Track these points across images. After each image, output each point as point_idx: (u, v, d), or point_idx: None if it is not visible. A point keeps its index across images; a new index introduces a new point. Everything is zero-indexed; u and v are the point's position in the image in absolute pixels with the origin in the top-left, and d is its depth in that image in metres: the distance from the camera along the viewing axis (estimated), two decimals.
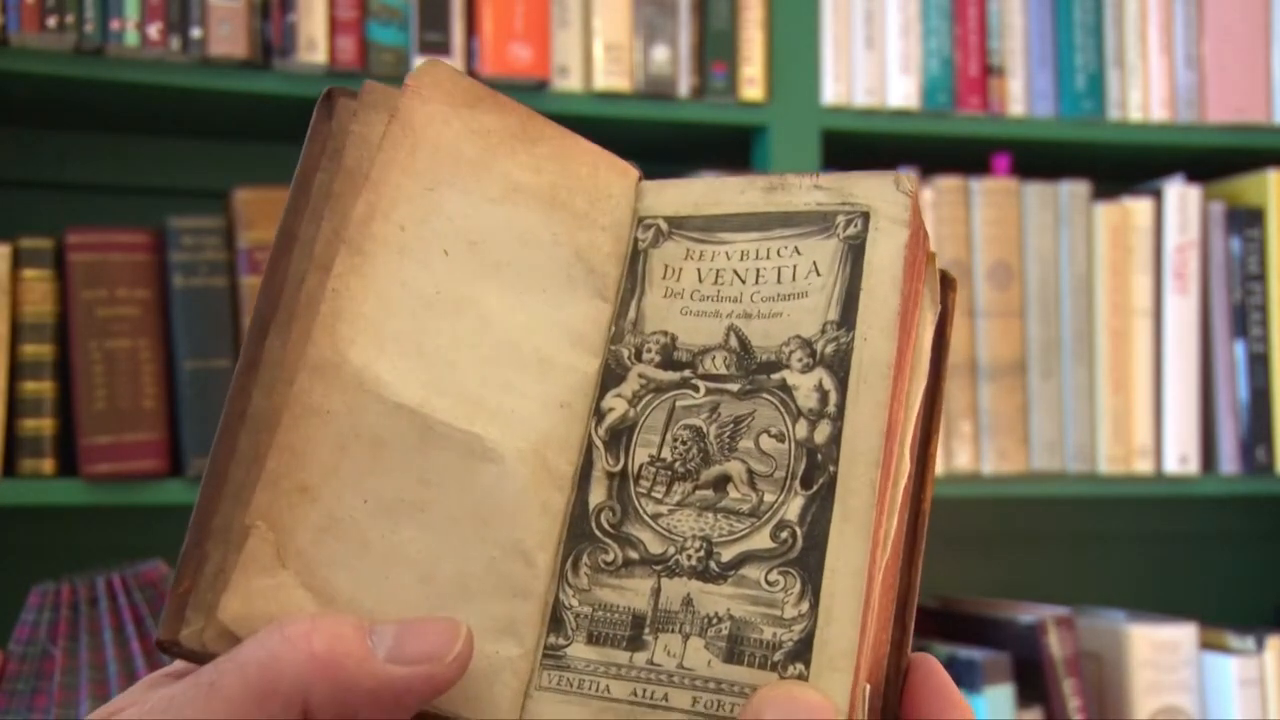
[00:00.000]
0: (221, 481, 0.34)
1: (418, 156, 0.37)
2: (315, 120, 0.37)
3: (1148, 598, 1.74)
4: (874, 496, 0.33)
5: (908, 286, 0.35)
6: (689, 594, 0.34)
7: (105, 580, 1.28)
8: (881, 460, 0.33)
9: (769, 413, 0.35)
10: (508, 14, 1.38)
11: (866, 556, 0.32)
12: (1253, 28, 1.63)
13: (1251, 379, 1.58)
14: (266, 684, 0.31)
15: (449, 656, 0.33)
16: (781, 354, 0.35)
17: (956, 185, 1.53)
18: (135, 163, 1.52)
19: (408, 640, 0.32)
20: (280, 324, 0.36)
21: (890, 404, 0.34)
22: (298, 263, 0.36)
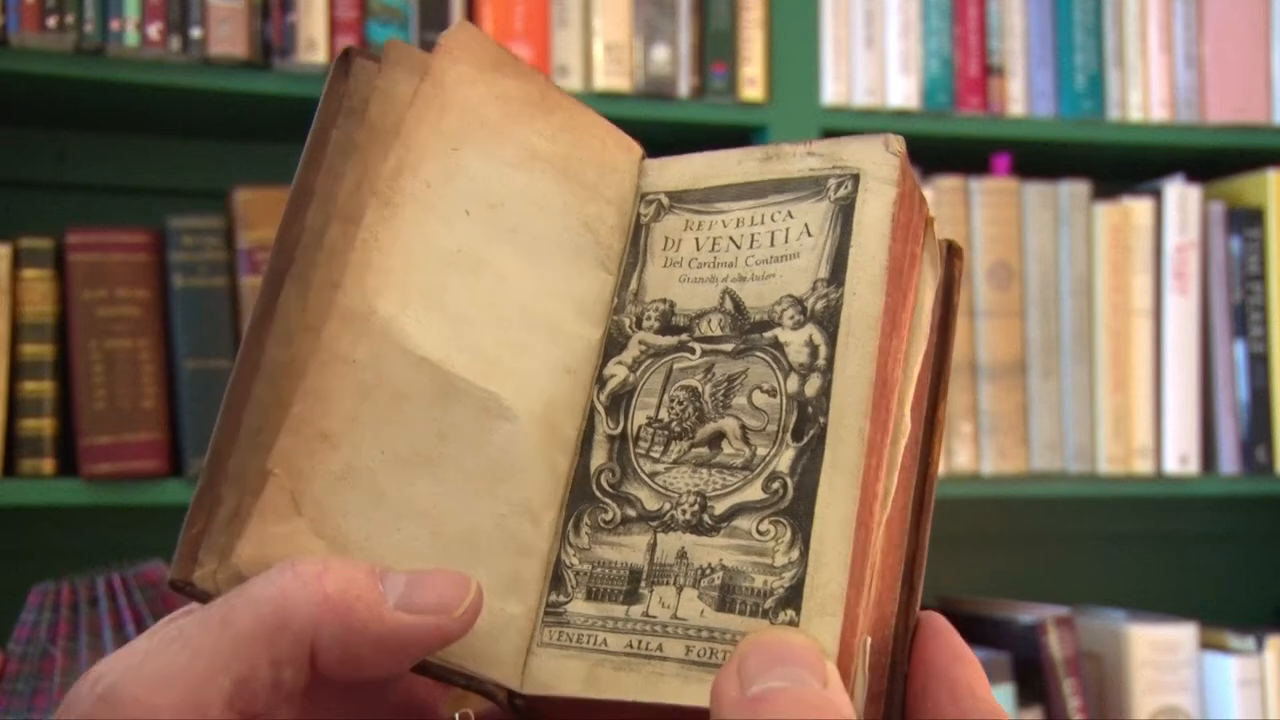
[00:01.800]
0: (236, 427, 0.35)
1: (446, 116, 0.38)
2: (332, 78, 0.38)
3: (1148, 598, 1.74)
4: (863, 445, 0.33)
5: (899, 245, 0.35)
6: (683, 547, 0.35)
7: (105, 580, 1.28)
8: (871, 411, 0.33)
9: (761, 369, 0.36)
10: (508, 14, 1.38)
11: (855, 504, 0.33)
12: (1253, 28, 1.63)
13: (1251, 379, 1.58)
14: (278, 621, 0.31)
15: (458, 610, 0.33)
16: (774, 313, 0.36)
17: (956, 185, 1.53)
18: (135, 163, 1.52)
19: (418, 590, 0.33)
20: (297, 276, 0.36)
21: (880, 357, 0.34)
22: (315, 215, 0.36)
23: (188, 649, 0.31)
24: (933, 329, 0.36)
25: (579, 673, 0.35)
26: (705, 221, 0.39)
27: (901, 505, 0.35)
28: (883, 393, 0.34)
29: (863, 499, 0.33)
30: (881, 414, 0.34)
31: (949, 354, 0.37)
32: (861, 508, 0.33)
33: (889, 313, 0.35)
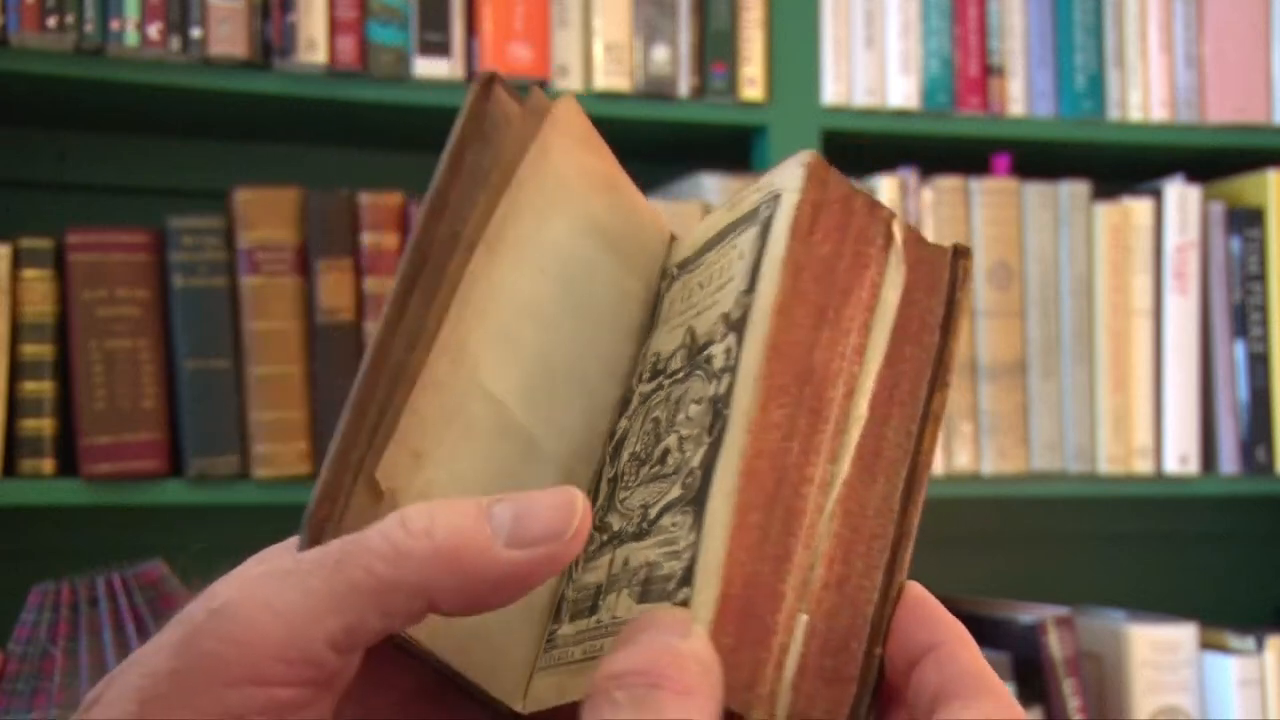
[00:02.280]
0: (362, 418, 0.37)
1: (546, 180, 0.41)
2: (474, 100, 0.40)
3: (1148, 598, 1.74)
4: (748, 423, 0.35)
5: (823, 245, 0.37)
6: (627, 555, 0.37)
7: (105, 580, 1.28)
8: (765, 395, 0.35)
9: (698, 384, 0.38)
10: (508, 14, 1.38)
11: (736, 477, 0.34)
12: (1253, 28, 1.63)
13: (1251, 379, 1.58)
14: (392, 578, 0.32)
15: (568, 533, 0.33)
16: (713, 333, 0.39)
17: (956, 185, 1.53)
18: (135, 163, 1.52)
19: (526, 521, 0.33)
20: (424, 286, 0.38)
21: (790, 347, 0.36)
22: (444, 229, 0.39)
23: (301, 586, 0.32)
24: (927, 326, 0.38)
25: (554, 685, 0.37)
26: (690, 278, 0.43)
27: (882, 494, 0.36)
28: (800, 380, 0.36)
29: (775, 480, 0.35)
30: (790, 399, 0.35)
31: (950, 349, 0.38)
32: (770, 488, 0.34)
33: (808, 305, 0.36)
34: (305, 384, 1.32)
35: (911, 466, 0.37)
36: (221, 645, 0.31)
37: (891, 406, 0.37)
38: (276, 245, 1.32)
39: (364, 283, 1.34)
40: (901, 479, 0.37)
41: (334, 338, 1.33)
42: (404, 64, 1.36)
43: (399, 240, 1.35)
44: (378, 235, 1.34)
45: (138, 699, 0.31)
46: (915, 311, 0.38)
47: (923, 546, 0.38)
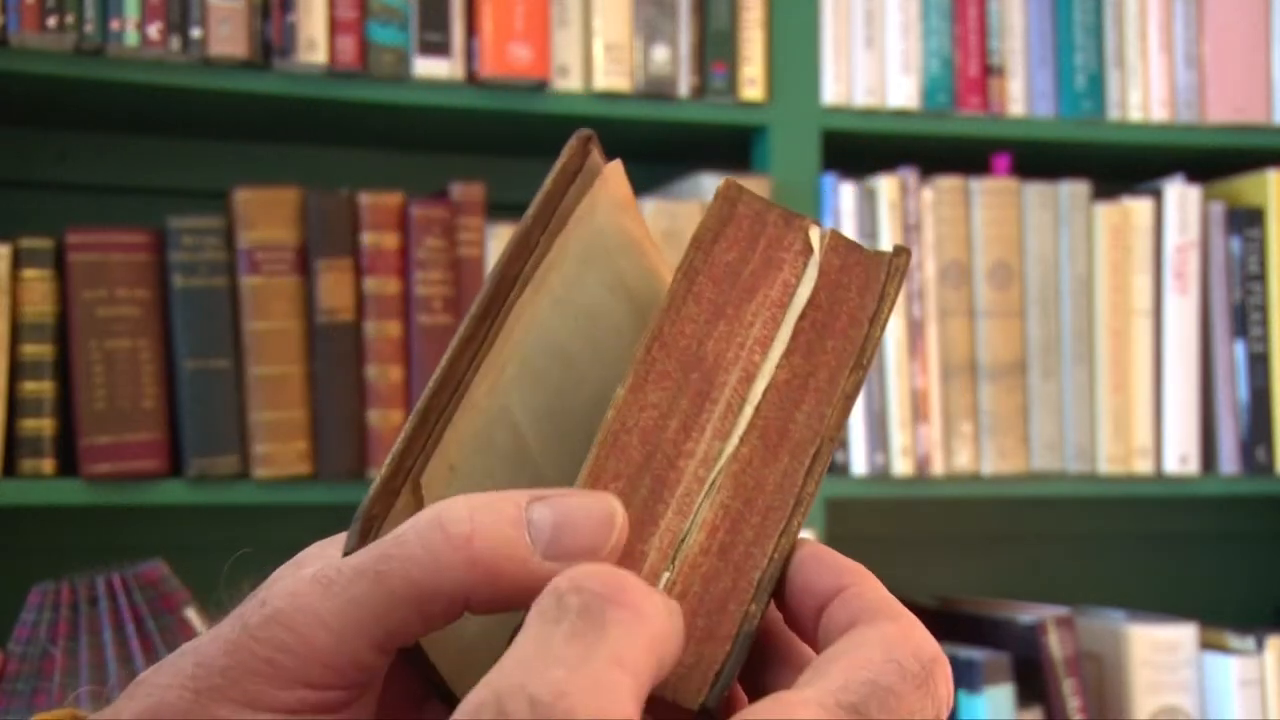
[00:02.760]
0: (425, 427, 0.38)
1: (589, 234, 0.44)
2: (570, 154, 0.43)
3: (1148, 598, 1.74)
4: (616, 400, 0.39)
5: (703, 250, 0.42)
6: None
7: (105, 580, 1.28)
8: (638, 371, 0.39)
9: None
10: (508, 14, 1.38)
11: (596, 448, 0.38)
12: (1253, 28, 1.63)
13: (1251, 379, 1.58)
14: (431, 586, 0.32)
15: (607, 548, 0.34)
16: None
17: (956, 185, 1.53)
18: (135, 163, 1.52)
19: (566, 533, 0.33)
20: (494, 314, 0.41)
21: (666, 333, 0.40)
22: (527, 269, 0.42)
23: (344, 595, 0.32)
24: (855, 321, 0.41)
25: None
26: None
27: (785, 470, 0.39)
28: (686, 367, 0.40)
29: (644, 453, 0.38)
30: (672, 383, 0.39)
31: (874, 337, 0.41)
32: (638, 459, 0.38)
33: (704, 303, 0.40)
34: (305, 384, 1.32)
35: (819, 445, 0.39)
36: (274, 652, 0.32)
37: (805, 393, 0.40)
38: (276, 245, 1.32)
39: (364, 283, 1.34)
40: (809, 456, 0.39)
41: (334, 338, 1.33)
42: (404, 64, 1.36)
43: (399, 240, 1.35)
44: (378, 235, 1.34)
45: (193, 686, 0.32)
46: (844, 309, 0.41)
47: (923, 546, 0.38)
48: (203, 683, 0.32)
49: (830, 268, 0.42)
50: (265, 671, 0.32)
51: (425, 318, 1.35)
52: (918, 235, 1.51)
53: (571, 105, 1.42)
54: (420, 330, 1.34)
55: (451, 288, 1.36)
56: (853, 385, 0.40)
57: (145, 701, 0.32)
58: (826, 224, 1.48)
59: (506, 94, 1.40)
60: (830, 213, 1.49)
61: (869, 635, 0.33)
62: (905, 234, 1.51)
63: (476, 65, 1.38)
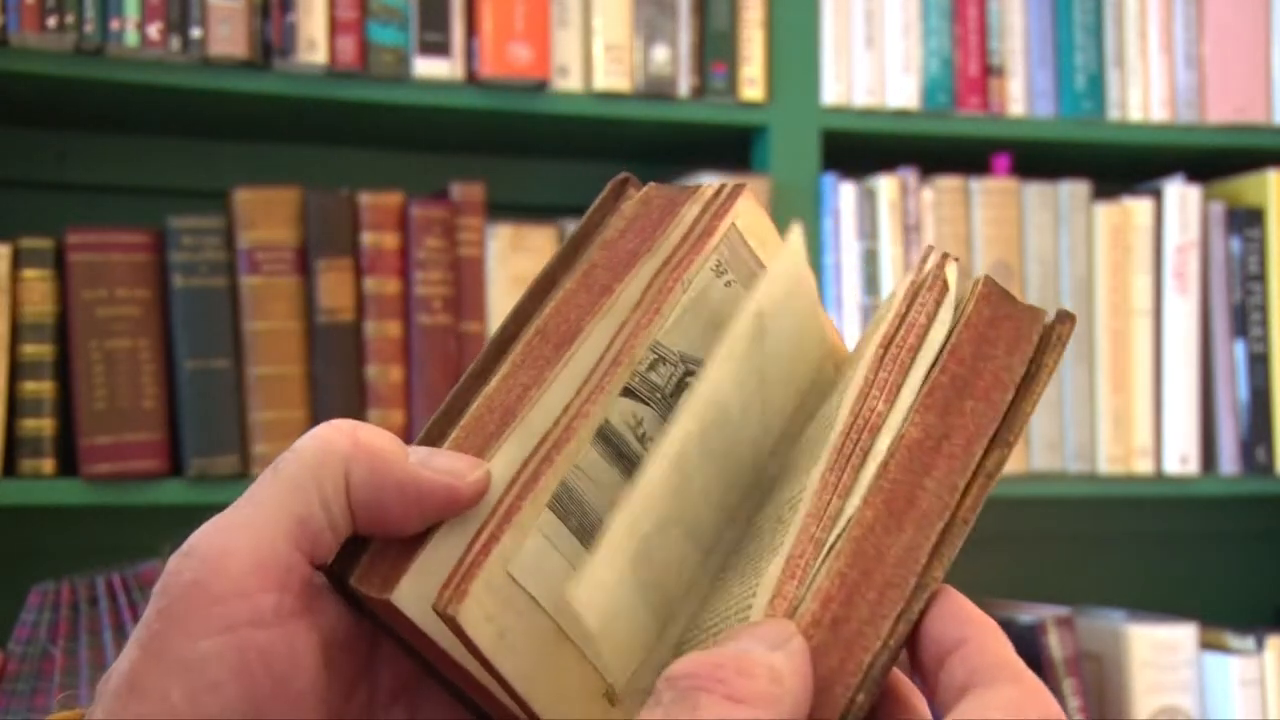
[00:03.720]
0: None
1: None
2: (606, 198, 0.42)
3: (1148, 598, 1.74)
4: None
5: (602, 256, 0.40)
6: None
7: (105, 580, 1.28)
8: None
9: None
10: (508, 14, 1.38)
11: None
12: (1253, 28, 1.63)
13: (1251, 379, 1.58)
14: (318, 462, 0.36)
15: (469, 476, 0.36)
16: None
17: (956, 185, 1.53)
18: (135, 163, 1.52)
19: (436, 457, 0.37)
20: (517, 349, 0.40)
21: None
22: (546, 307, 0.40)
23: (250, 501, 0.36)
24: (999, 384, 0.37)
25: None
26: None
27: (908, 544, 0.35)
28: (529, 351, 0.39)
29: (490, 424, 0.38)
30: (520, 368, 0.39)
31: (1022, 410, 0.37)
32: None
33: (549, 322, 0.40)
34: (305, 384, 1.32)
35: (949, 521, 0.35)
36: (197, 573, 0.34)
37: (937, 457, 0.36)
38: (276, 245, 1.32)
39: (364, 283, 1.34)
40: (935, 533, 0.35)
41: (334, 338, 1.33)
42: (404, 64, 1.36)
43: (399, 240, 1.35)
44: (378, 235, 1.34)
45: (138, 646, 0.33)
46: (989, 367, 0.37)
47: None
48: (144, 635, 0.33)
49: (979, 319, 0.38)
50: (193, 594, 0.33)
51: (425, 318, 1.35)
52: (918, 235, 1.51)
53: (571, 105, 1.42)
54: (420, 330, 1.34)
55: (451, 288, 1.36)
56: (995, 463, 0.36)
57: (108, 685, 0.34)
58: (826, 224, 1.49)
59: (506, 94, 1.40)
60: (830, 213, 1.49)
61: (990, 701, 0.32)
62: (905, 234, 1.51)
63: (476, 65, 1.38)
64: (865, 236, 1.49)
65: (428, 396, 1.34)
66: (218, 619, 0.33)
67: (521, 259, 1.39)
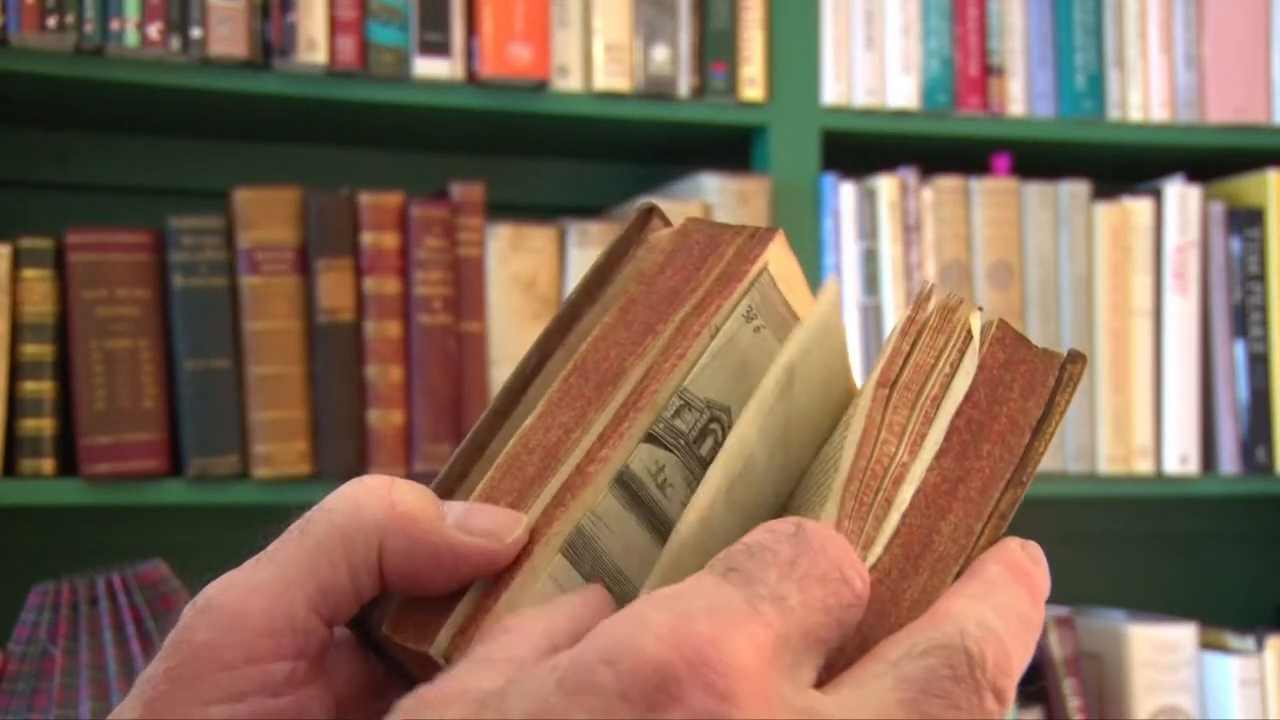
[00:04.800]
0: (455, 487, 0.39)
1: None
2: (630, 228, 0.42)
3: (1148, 598, 1.74)
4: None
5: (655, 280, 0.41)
6: None
7: (105, 580, 1.28)
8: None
9: None
10: (508, 14, 1.38)
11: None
12: (1253, 28, 1.63)
13: (1251, 379, 1.58)
14: (350, 528, 0.34)
15: (508, 537, 0.36)
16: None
17: (956, 185, 1.53)
18: (135, 163, 1.52)
19: (473, 517, 0.36)
20: (537, 386, 0.40)
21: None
22: (571, 339, 0.40)
23: (273, 561, 0.34)
24: (1016, 428, 0.37)
25: None
26: None
27: (923, 587, 0.35)
28: (568, 389, 0.39)
29: (530, 469, 0.37)
30: (559, 406, 0.38)
31: (1037, 450, 0.37)
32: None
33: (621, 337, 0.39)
34: (305, 384, 1.32)
35: (963, 565, 0.35)
36: (211, 634, 0.32)
37: (954, 501, 0.36)
38: (276, 245, 1.32)
39: (364, 283, 1.34)
40: (951, 576, 0.35)
41: (334, 338, 1.33)
42: (404, 64, 1.36)
43: (399, 240, 1.35)
44: (378, 235, 1.34)
45: (140, 702, 0.32)
46: (1005, 411, 0.37)
47: None
48: (149, 693, 0.32)
49: (994, 362, 0.38)
50: (205, 657, 0.32)
51: (425, 318, 1.35)
52: (918, 235, 1.51)
53: (571, 105, 1.42)
54: (420, 330, 1.34)
55: (451, 288, 1.36)
56: (1008, 503, 0.36)
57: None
58: (826, 224, 1.49)
59: (506, 94, 1.40)
60: (830, 213, 1.49)
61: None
62: (905, 234, 1.51)
63: (476, 65, 1.38)
64: (865, 236, 1.49)
65: (428, 396, 1.34)
66: (228, 685, 0.32)
67: (521, 259, 1.39)
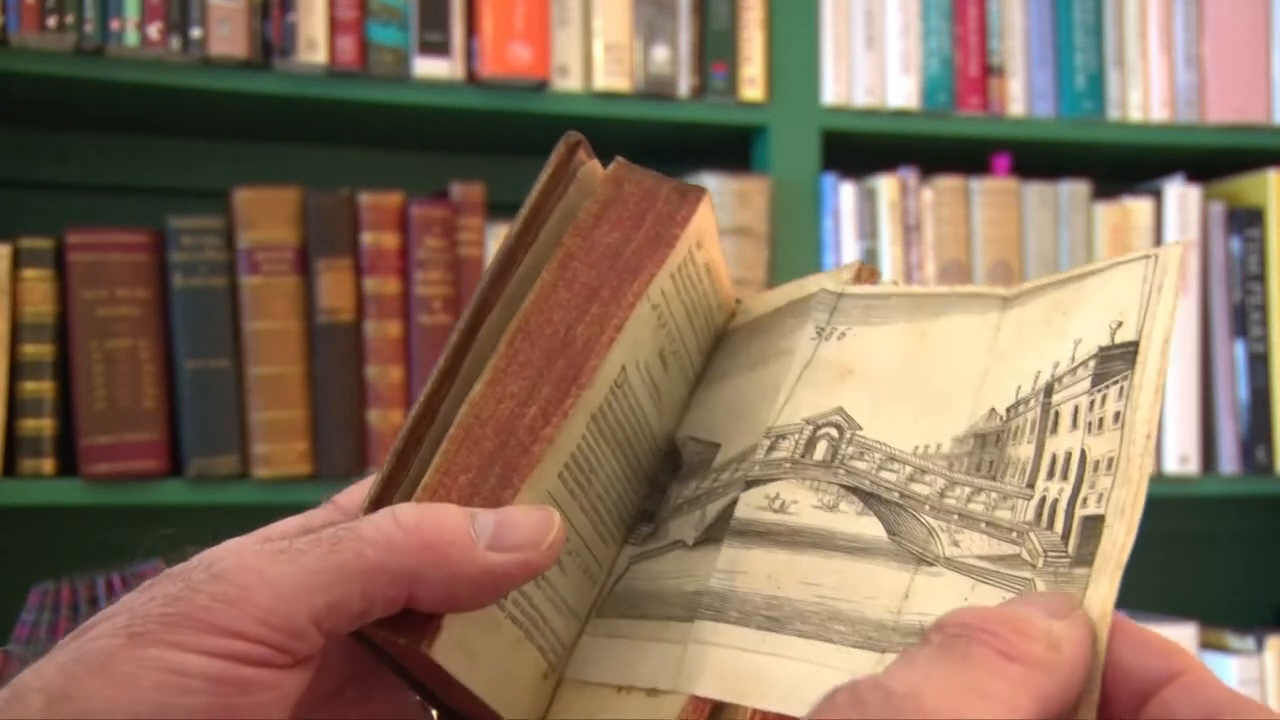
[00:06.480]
0: (407, 463, 0.38)
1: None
2: (559, 164, 0.42)
3: (1147, 598, 1.74)
4: (471, 397, 0.38)
5: (581, 236, 0.41)
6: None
7: (105, 580, 1.28)
8: (497, 365, 0.38)
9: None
10: (508, 14, 1.38)
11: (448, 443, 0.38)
12: (1253, 28, 1.63)
13: (1251, 379, 1.58)
14: (380, 564, 0.34)
15: (544, 545, 0.36)
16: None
17: (956, 185, 1.53)
18: (135, 163, 1.52)
19: (507, 531, 0.36)
20: (483, 341, 0.40)
21: (531, 323, 0.39)
22: (514, 287, 0.40)
23: (294, 562, 0.34)
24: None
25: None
26: None
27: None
28: (550, 355, 0.39)
29: (498, 442, 0.38)
30: (507, 373, 0.38)
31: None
32: (489, 450, 0.38)
33: (575, 288, 0.40)
34: (305, 384, 1.32)
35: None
36: (213, 602, 0.33)
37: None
38: (276, 245, 1.32)
39: (364, 283, 1.34)
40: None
41: (334, 338, 1.33)
42: (404, 64, 1.36)
43: (399, 240, 1.35)
44: (378, 235, 1.34)
45: (126, 633, 0.33)
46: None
47: None
48: (137, 629, 0.33)
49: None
50: (201, 618, 0.33)
51: (425, 318, 1.35)
52: (918, 235, 1.51)
53: (571, 105, 1.42)
54: (420, 330, 1.34)
55: (451, 288, 1.36)
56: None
57: (74, 653, 0.33)
58: (826, 224, 1.49)
59: (506, 94, 1.40)
60: (830, 213, 1.49)
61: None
62: (905, 234, 1.51)
63: (476, 65, 1.38)
64: (865, 236, 1.49)
65: None
66: (212, 645, 0.33)
67: None
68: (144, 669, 0.32)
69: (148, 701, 0.31)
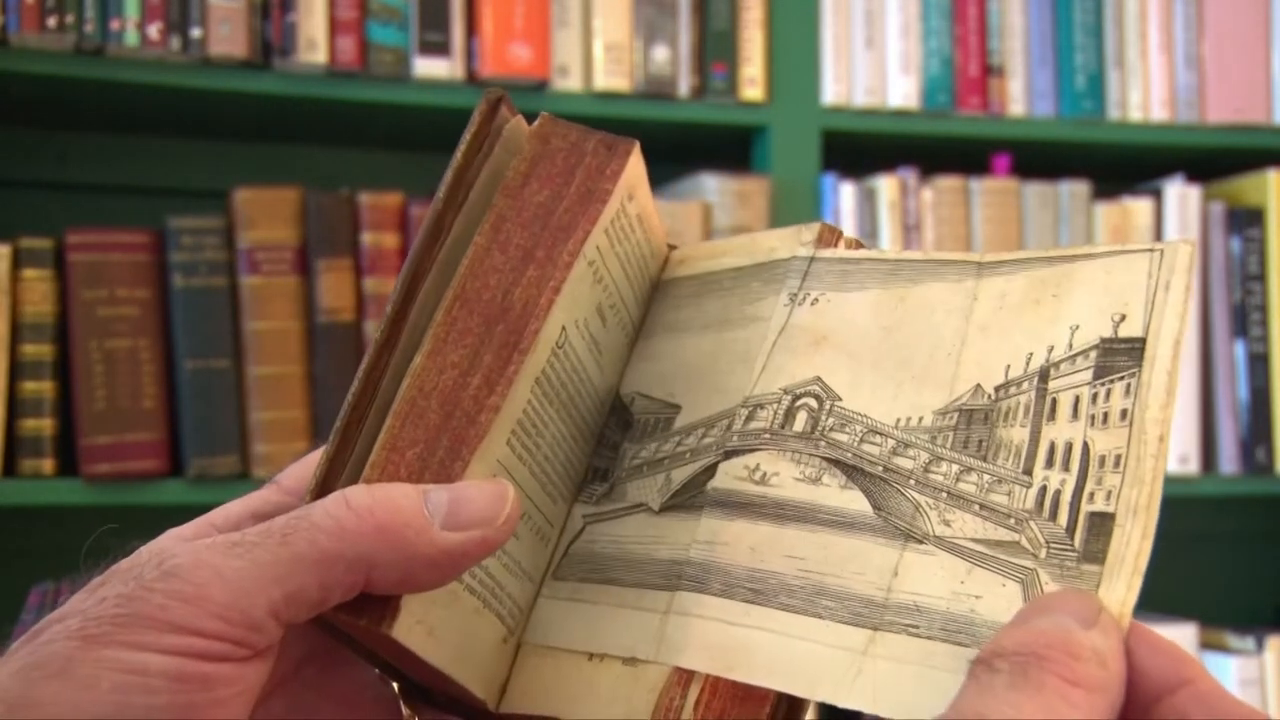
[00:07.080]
0: (350, 442, 0.38)
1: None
2: (482, 121, 0.41)
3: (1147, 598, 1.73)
4: (412, 369, 0.38)
5: (511, 197, 0.40)
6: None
7: None
8: (437, 335, 0.38)
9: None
10: (508, 14, 1.38)
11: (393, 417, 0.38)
12: (1253, 28, 1.63)
13: (1251, 379, 1.58)
14: (334, 551, 0.34)
15: (500, 519, 0.36)
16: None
17: (956, 185, 1.53)
18: (135, 163, 1.52)
19: (461, 508, 0.35)
20: (419, 309, 0.39)
21: (468, 289, 0.39)
22: (447, 252, 0.40)
23: (247, 556, 0.34)
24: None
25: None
26: None
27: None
28: (489, 321, 0.38)
29: (433, 415, 0.38)
30: (446, 342, 0.38)
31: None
32: (436, 421, 0.37)
33: (509, 251, 0.39)
34: (305, 384, 1.32)
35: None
36: (168, 600, 0.33)
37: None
38: (276, 245, 1.32)
39: (364, 283, 1.34)
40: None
41: (334, 338, 1.33)
42: (404, 64, 1.36)
43: (399, 240, 1.35)
44: (378, 235, 1.34)
45: (80, 636, 0.32)
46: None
47: None
48: (91, 631, 0.32)
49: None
50: (157, 617, 0.32)
51: None
52: (918, 235, 1.51)
53: (571, 105, 1.42)
54: None
55: None
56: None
57: (28, 659, 0.32)
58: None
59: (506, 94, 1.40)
60: (830, 213, 1.49)
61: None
62: (905, 234, 1.51)
63: (476, 65, 1.38)
64: (865, 236, 1.49)
65: None
66: (169, 644, 0.32)
67: None
68: (103, 670, 0.32)
69: (109, 702, 0.31)
